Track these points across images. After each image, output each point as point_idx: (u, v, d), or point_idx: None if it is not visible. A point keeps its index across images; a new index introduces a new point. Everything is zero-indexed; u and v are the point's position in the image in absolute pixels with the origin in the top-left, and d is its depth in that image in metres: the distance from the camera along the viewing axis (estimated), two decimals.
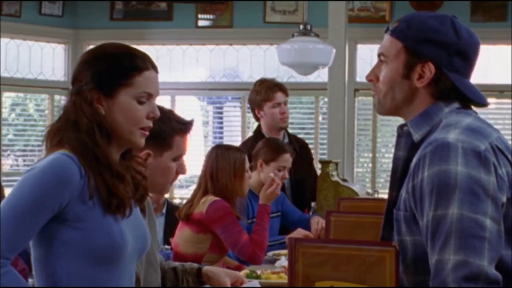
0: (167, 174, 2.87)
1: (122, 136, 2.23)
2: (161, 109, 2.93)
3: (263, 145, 4.79)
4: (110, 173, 2.18)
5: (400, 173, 2.13)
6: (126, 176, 2.23)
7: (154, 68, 2.30)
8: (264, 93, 5.23)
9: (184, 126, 2.92)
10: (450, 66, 2.12)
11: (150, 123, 2.27)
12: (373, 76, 2.22)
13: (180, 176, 3.09)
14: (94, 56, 2.27)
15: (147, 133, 2.27)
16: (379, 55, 2.22)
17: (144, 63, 2.26)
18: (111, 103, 2.22)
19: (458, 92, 2.13)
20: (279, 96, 5.23)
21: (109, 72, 2.22)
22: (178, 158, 2.91)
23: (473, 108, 2.20)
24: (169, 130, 2.88)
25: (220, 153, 4.22)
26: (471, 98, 2.15)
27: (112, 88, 2.21)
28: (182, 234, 4.13)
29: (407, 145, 2.14)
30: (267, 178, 4.60)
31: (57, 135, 2.22)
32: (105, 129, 2.20)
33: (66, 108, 2.24)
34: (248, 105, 5.52)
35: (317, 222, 4.76)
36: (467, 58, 2.15)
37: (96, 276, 2.16)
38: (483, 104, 2.18)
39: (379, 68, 2.21)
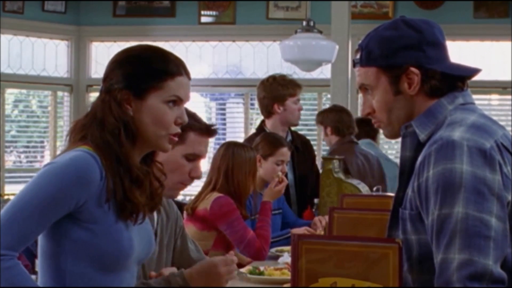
0: (176, 170, 2.81)
1: (148, 139, 2.22)
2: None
3: (260, 140, 4.78)
4: (129, 177, 2.16)
5: (407, 174, 2.13)
6: (144, 182, 2.21)
7: (187, 74, 2.28)
8: (291, 87, 5.22)
9: (200, 125, 2.88)
10: (428, 59, 2.12)
11: (178, 129, 2.25)
12: (368, 109, 2.22)
13: None
14: (128, 56, 2.25)
15: (176, 139, 2.25)
16: (361, 87, 2.22)
17: (177, 68, 2.24)
18: (140, 105, 2.20)
19: (449, 78, 2.13)
20: (299, 93, 5.26)
21: (142, 74, 2.20)
22: (192, 158, 2.84)
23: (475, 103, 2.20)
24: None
25: (236, 151, 4.22)
26: (463, 75, 2.15)
27: (143, 90, 2.19)
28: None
29: (413, 145, 2.13)
30: (266, 173, 4.60)
31: (81, 131, 2.20)
32: (131, 130, 2.18)
33: (94, 105, 2.23)
34: (256, 101, 5.49)
35: (319, 220, 4.75)
36: (438, 43, 2.15)
37: (99, 278, 2.15)
38: (475, 73, 2.18)
39: (368, 99, 2.20)
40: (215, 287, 2.72)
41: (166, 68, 2.23)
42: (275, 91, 5.23)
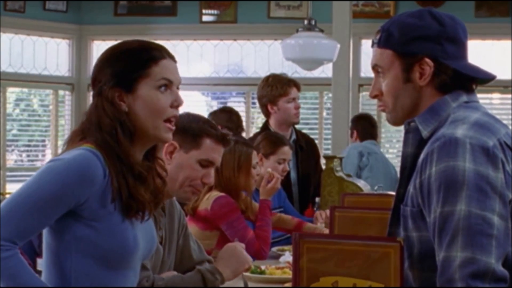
0: (189, 174, 2.85)
1: (147, 132, 2.21)
2: (198, 115, 2.97)
3: (261, 139, 4.78)
4: (132, 174, 2.17)
5: (408, 170, 2.13)
6: (147, 178, 2.21)
7: (171, 57, 2.28)
8: (280, 87, 5.21)
9: (216, 132, 2.92)
10: (445, 54, 2.12)
11: (175, 112, 2.24)
12: (376, 91, 2.22)
13: None
14: (110, 54, 2.25)
15: (173, 126, 2.24)
16: (374, 67, 2.21)
17: (159, 53, 2.25)
18: (132, 98, 2.20)
19: (462, 77, 2.13)
20: (294, 91, 5.24)
21: (126, 67, 2.21)
22: (205, 164, 2.89)
23: (479, 100, 2.20)
24: (198, 129, 2.88)
25: None
26: (476, 76, 2.15)
27: (131, 82, 2.20)
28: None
29: (415, 141, 2.13)
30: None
31: (80, 135, 2.20)
32: (127, 127, 2.18)
33: (89, 111, 2.23)
34: (256, 100, 5.50)
35: (320, 214, 4.75)
36: (458, 41, 2.15)
37: (103, 276, 2.15)
38: (489, 78, 2.18)
39: (379, 81, 2.20)
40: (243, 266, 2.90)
41: (148, 54, 2.23)
42: (267, 92, 5.24)
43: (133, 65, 2.21)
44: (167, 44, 8.76)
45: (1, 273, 2.01)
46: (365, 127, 6.90)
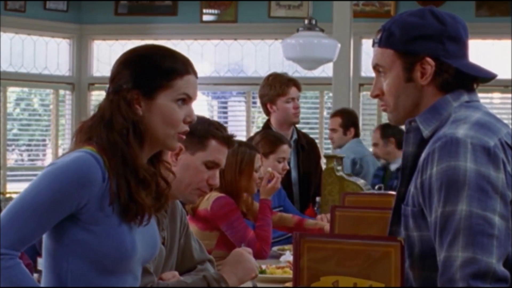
0: (195, 175, 2.86)
1: (157, 139, 2.21)
2: (203, 117, 2.99)
3: (260, 138, 4.76)
4: (136, 178, 2.15)
5: (409, 169, 2.13)
6: (151, 183, 2.20)
7: (194, 73, 2.28)
8: (278, 87, 5.21)
9: (221, 132, 2.93)
10: (446, 53, 2.11)
11: (187, 127, 2.25)
12: (377, 91, 2.22)
13: None
14: (135, 56, 2.24)
15: (183, 137, 2.25)
16: (375, 67, 2.21)
17: (185, 67, 2.25)
18: (150, 104, 2.19)
19: (463, 76, 2.13)
20: (293, 91, 5.23)
21: (150, 73, 2.20)
22: (211, 165, 2.90)
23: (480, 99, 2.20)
24: (204, 130, 2.90)
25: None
26: (477, 75, 2.15)
27: (153, 89, 2.19)
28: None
29: (416, 141, 2.13)
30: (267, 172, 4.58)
31: (87, 133, 2.19)
32: (139, 130, 2.17)
33: (102, 107, 2.21)
34: (258, 100, 5.49)
35: (321, 218, 4.74)
36: (459, 40, 2.15)
37: (100, 280, 2.14)
38: (491, 77, 2.18)
39: (380, 81, 2.20)
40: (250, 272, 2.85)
41: (175, 67, 2.22)
42: (267, 92, 5.24)
43: (158, 73, 2.21)
44: (168, 44, 8.77)
45: (2, 283, 2.01)
46: (358, 125, 6.86)
